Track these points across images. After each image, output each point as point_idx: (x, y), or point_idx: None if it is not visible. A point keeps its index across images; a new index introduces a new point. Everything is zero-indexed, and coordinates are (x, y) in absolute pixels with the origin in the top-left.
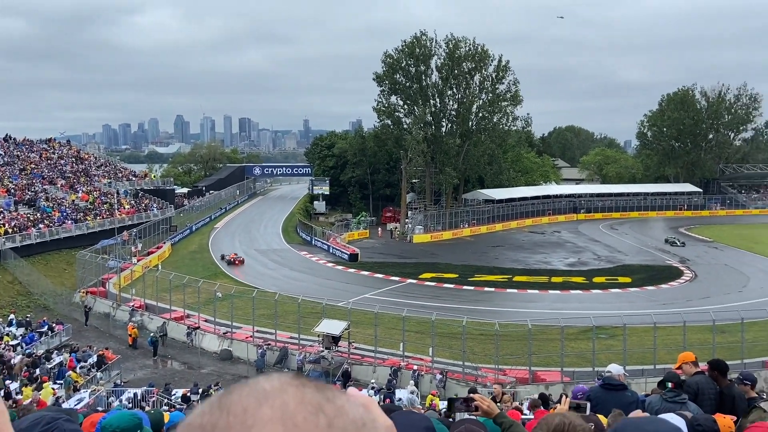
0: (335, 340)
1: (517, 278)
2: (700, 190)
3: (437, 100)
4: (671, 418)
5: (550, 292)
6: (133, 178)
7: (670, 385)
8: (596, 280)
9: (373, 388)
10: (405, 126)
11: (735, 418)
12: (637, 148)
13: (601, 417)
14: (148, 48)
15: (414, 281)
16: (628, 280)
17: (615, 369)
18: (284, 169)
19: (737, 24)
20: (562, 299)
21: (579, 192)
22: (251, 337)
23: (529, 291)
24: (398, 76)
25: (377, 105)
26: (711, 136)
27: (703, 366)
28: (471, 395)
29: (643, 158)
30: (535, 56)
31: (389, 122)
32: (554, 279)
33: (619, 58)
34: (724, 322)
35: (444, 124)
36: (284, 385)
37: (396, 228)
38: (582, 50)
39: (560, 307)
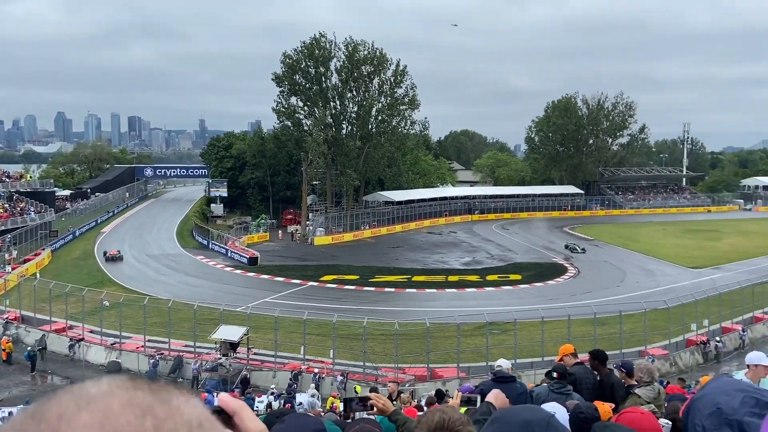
0: (233, 346)
1: (416, 278)
2: (582, 192)
3: (337, 102)
4: (551, 406)
5: (447, 290)
6: (7, 180)
7: (555, 375)
8: (490, 278)
9: (272, 393)
10: (305, 128)
11: (614, 405)
12: (526, 152)
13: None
14: (23, 40)
15: (315, 284)
16: (518, 277)
17: (503, 363)
18: (179, 170)
19: (614, 38)
20: (459, 297)
21: (473, 194)
22: (142, 347)
23: (428, 290)
24: (298, 77)
25: (277, 106)
26: (591, 141)
27: (584, 357)
28: (367, 394)
29: (531, 162)
30: (430, 62)
31: (289, 123)
32: (451, 278)
33: (509, 66)
34: (604, 315)
35: (344, 126)
36: (113, 389)
37: (297, 230)
38: (475, 58)
39: (457, 305)
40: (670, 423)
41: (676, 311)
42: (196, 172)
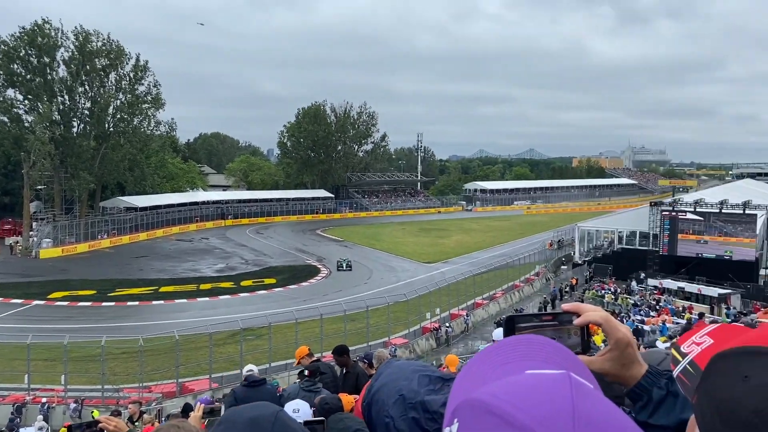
0: None
1: (163, 289)
2: (333, 196)
3: (66, 97)
4: (295, 403)
5: (199, 299)
6: None
7: (307, 374)
8: (244, 283)
9: None
10: (27, 124)
11: (357, 396)
12: (279, 157)
13: None
14: None
15: (41, 302)
16: (273, 281)
17: (252, 368)
18: None
19: (356, 50)
20: (212, 305)
21: (226, 198)
22: None
23: (177, 301)
24: (16, 66)
25: None
26: (340, 147)
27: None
28: (97, 418)
29: (284, 166)
30: (174, 60)
31: (6, 119)
32: (203, 286)
33: (257, 70)
34: (354, 312)
35: (76, 124)
36: None
37: (18, 242)
38: (222, 59)
39: (209, 314)
40: None
41: (414, 303)
42: None
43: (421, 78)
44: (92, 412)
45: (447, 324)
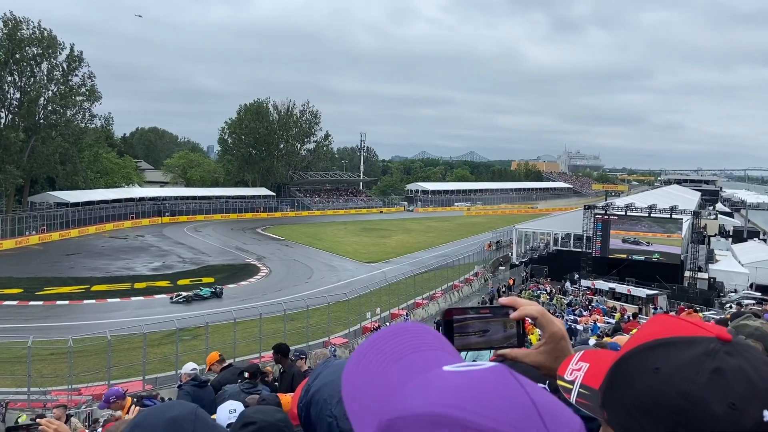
0: None
1: (96, 287)
2: (274, 194)
3: None
4: (231, 404)
5: (133, 299)
6: None
7: (247, 375)
8: (181, 282)
9: None
10: None
11: (292, 393)
12: (219, 153)
13: None
14: None
15: None
16: (211, 280)
17: (189, 367)
18: None
19: (293, 48)
20: (146, 305)
21: (164, 195)
22: None
23: (110, 300)
24: None
25: None
26: (282, 145)
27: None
28: (37, 420)
29: (225, 163)
30: (108, 51)
31: None
32: (137, 285)
33: (194, 64)
34: (294, 311)
35: (3, 115)
36: None
37: None
38: (157, 51)
39: (144, 314)
40: None
41: (354, 302)
42: None
43: (361, 77)
44: (18, 416)
45: (387, 323)
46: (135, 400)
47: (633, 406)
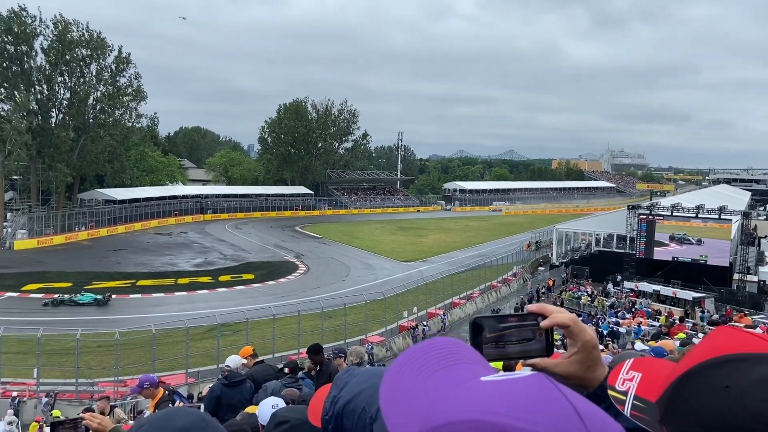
0: None
1: (141, 282)
2: (312, 192)
3: (44, 86)
4: (272, 400)
5: (177, 294)
6: None
7: (287, 371)
8: (222, 278)
9: None
10: (3, 113)
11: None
12: (259, 152)
13: None
14: None
15: (15, 294)
16: (251, 276)
17: (233, 361)
18: None
19: (329, 47)
20: (189, 300)
21: (206, 193)
22: None
23: (155, 295)
24: None
25: None
26: (320, 144)
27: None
28: (80, 415)
29: (264, 162)
30: (155, 52)
31: None
32: (181, 280)
33: (233, 64)
34: (331, 309)
35: (54, 114)
36: None
37: None
38: (198, 52)
39: (187, 308)
40: None
41: (391, 301)
42: None
43: (398, 76)
44: (52, 412)
45: (424, 323)
46: (166, 393)
47: (699, 425)
